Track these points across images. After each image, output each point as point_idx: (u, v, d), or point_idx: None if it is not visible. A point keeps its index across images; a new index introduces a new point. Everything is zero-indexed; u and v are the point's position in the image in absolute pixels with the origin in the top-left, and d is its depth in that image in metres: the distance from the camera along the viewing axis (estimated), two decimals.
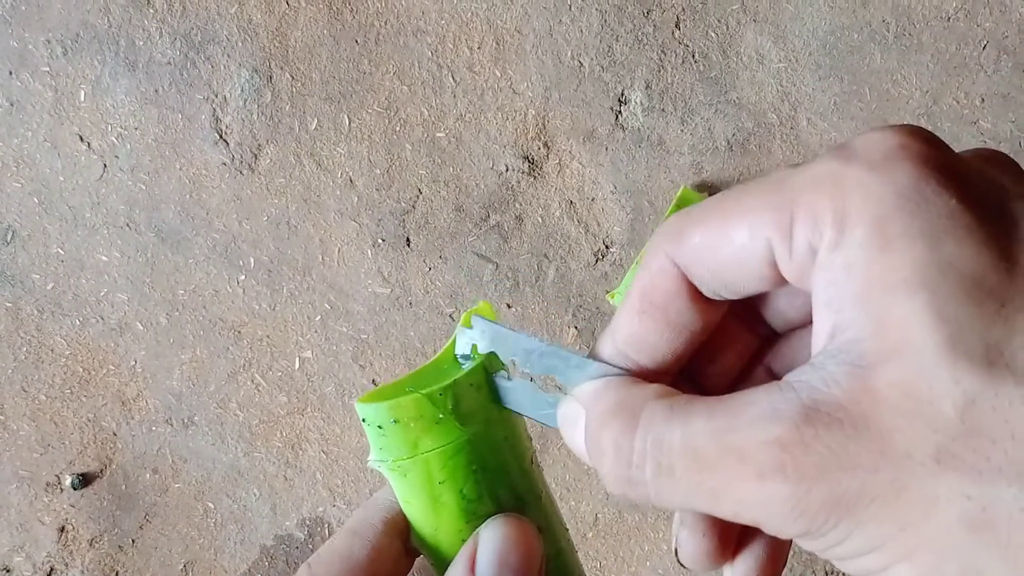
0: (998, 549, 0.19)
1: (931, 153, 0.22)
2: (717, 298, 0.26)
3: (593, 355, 0.29)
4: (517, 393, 0.32)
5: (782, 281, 0.24)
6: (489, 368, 0.32)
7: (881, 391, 0.20)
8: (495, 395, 0.33)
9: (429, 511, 0.33)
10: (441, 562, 0.33)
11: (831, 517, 0.21)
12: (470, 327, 0.35)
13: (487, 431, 0.32)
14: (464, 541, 0.32)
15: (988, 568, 0.20)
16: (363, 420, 0.32)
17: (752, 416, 0.22)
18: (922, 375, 0.20)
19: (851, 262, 0.22)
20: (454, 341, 0.34)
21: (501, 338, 0.32)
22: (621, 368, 0.28)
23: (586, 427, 0.27)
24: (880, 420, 0.20)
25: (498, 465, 0.33)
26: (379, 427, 0.31)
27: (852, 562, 0.21)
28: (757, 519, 0.22)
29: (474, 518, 0.32)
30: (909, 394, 0.20)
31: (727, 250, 0.24)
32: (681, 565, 0.30)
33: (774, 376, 0.29)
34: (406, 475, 0.32)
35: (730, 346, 0.29)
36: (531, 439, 0.35)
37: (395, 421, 0.31)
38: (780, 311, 0.28)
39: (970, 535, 0.19)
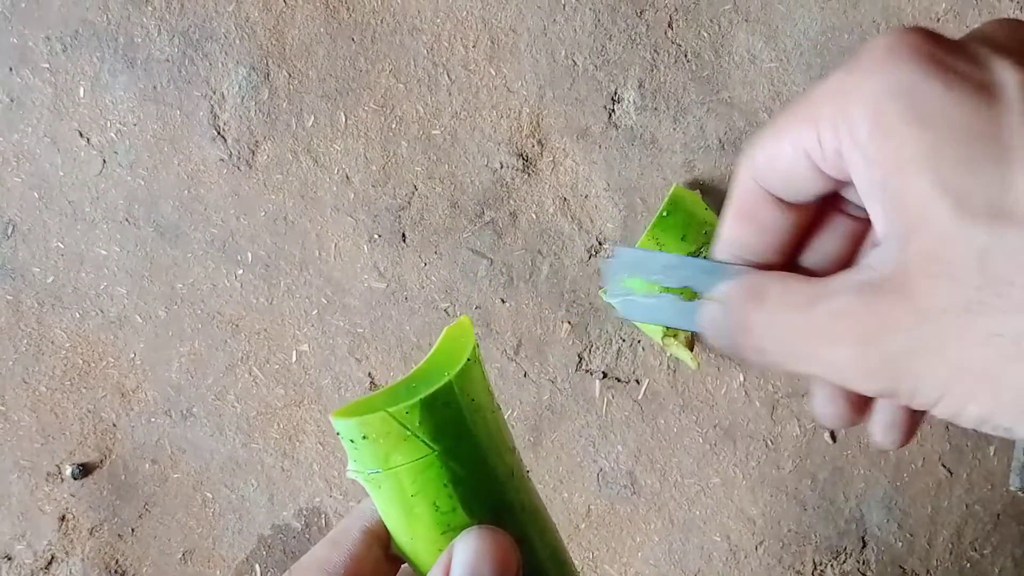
0: None
1: (920, 47, 0.25)
2: (797, 202, 0.30)
3: (712, 259, 0.33)
4: (662, 308, 0.33)
5: (836, 180, 0.28)
6: (634, 290, 0.34)
7: (913, 260, 0.24)
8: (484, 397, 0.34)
9: (404, 522, 0.34)
10: (421, 570, 0.34)
11: (894, 373, 0.25)
12: (452, 338, 0.36)
13: (458, 446, 0.33)
14: (441, 550, 0.33)
15: None
16: (337, 433, 0.33)
17: (828, 292, 0.26)
18: (941, 240, 0.23)
19: (866, 155, 0.25)
20: (430, 357, 0.35)
21: (640, 261, 0.33)
22: (742, 265, 0.32)
23: (727, 316, 0.30)
24: (915, 285, 0.24)
25: (473, 478, 0.33)
26: (351, 440, 0.32)
27: (935, 410, 0.25)
28: (842, 379, 0.26)
29: (449, 529, 0.33)
30: (934, 258, 0.23)
31: (782, 164, 0.28)
32: (826, 429, 0.35)
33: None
34: (380, 487, 0.33)
35: (834, 232, 0.32)
36: (516, 451, 0.35)
37: (364, 437, 0.32)
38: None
39: (1011, 366, 0.23)
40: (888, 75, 0.24)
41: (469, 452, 0.33)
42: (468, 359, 0.34)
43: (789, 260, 0.32)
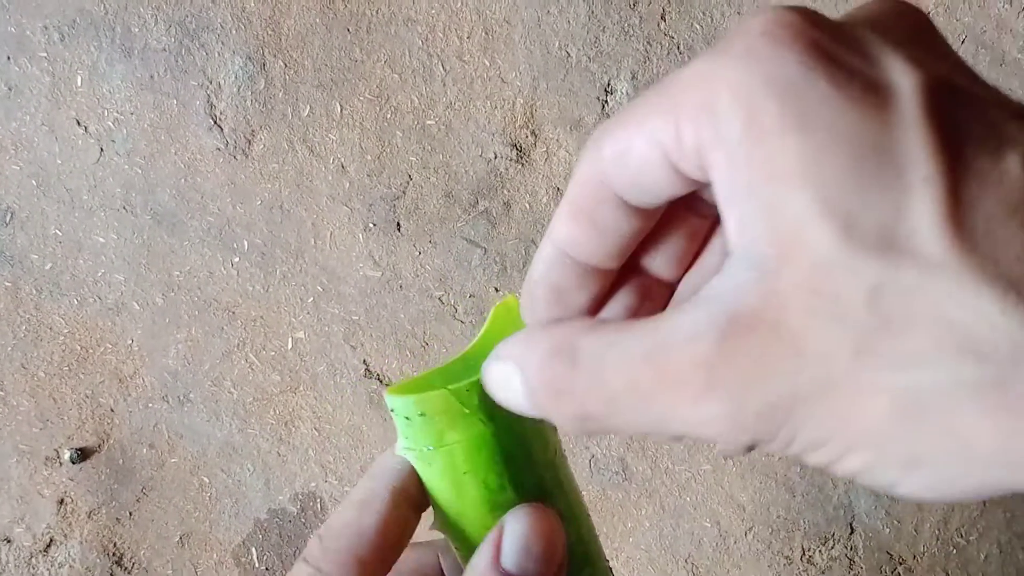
0: (935, 432, 0.20)
1: (804, 33, 0.21)
2: (644, 206, 0.26)
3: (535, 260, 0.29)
4: None
5: (688, 183, 0.24)
6: None
7: (788, 293, 0.20)
8: None
9: (454, 499, 0.34)
10: (465, 547, 0.35)
11: (771, 425, 0.21)
12: (501, 317, 0.36)
13: (511, 425, 0.33)
14: (487, 528, 0.33)
15: (929, 451, 0.20)
16: (392, 410, 0.33)
17: (678, 338, 0.22)
18: (822, 272, 0.20)
19: (733, 159, 0.21)
20: (483, 335, 0.36)
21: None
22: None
23: (525, 382, 0.26)
24: (792, 323, 0.20)
25: (522, 457, 0.34)
26: (407, 418, 0.33)
27: (808, 458, 0.22)
28: (708, 437, 0.22)
29: (497, 507, 0.33)
30: (814, 293, 0.20)
31: (633, 160, 0.24)
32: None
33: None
34: (431, 464, 0.33)
35: (678, 232, 0.28)
36: (556, 430, 0.36)
37: (422, 414, 0.32)
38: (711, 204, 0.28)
39: (901, 423, 0.20)
40: (765, 65, 0.21)
41: (520, 430, 0.34)
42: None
43: (624, 264, 0.28)
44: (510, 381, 0.27)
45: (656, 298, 0.30)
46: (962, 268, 0.19)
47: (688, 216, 0.28)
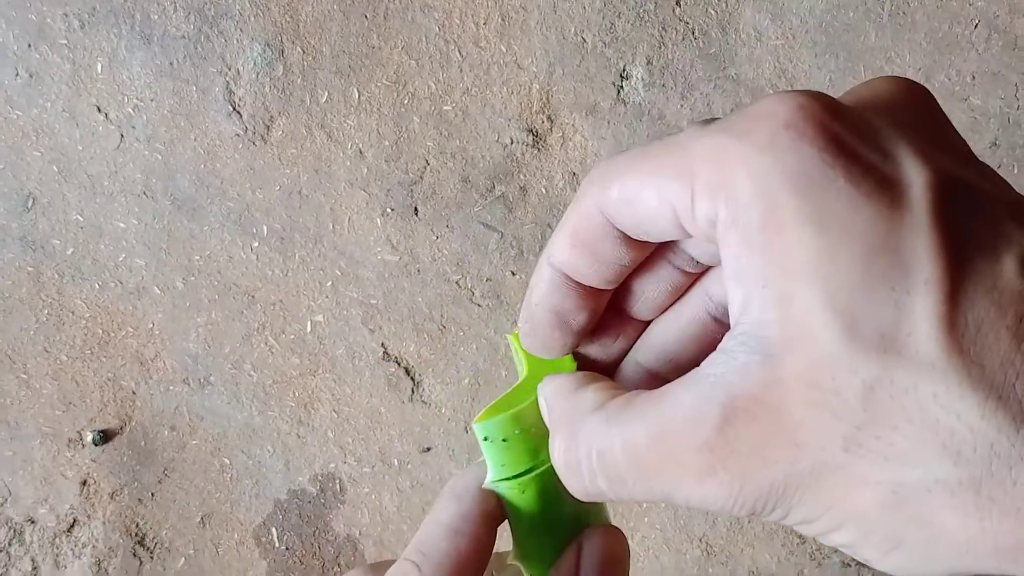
0: (914, 523, 0.21)
1: (825, 125, 0.22)
2: (642, 241, 0.27)
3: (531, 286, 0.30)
4: None
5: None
6: None
7: (789, 383, 0.21)
8: None
9: (546, 518, 0.34)
10: (541, 569, 0.35)
11: (767, 505, 0.22)
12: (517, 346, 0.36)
13: None
14: (559, 550, 0.34)
15: (907, 537, 0.21)
16: (485, 439, 0.33)
17: (681, 420, 0.23)
18: (824, 366, 0.20)
19: (749, 242, 0.22)
20: (528, 371, 0.36)
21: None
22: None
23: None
24: (791, 412, 0.21)
25: None
26: (503, 440, 0.33)
27: (800, 529, 0.23)
28: (710, 509, 0.23)
29: (582, 523, 0.34)
30: (814, 385, 0.21)
31: (641, 208, 0.25)
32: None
33: (710, 298, 0.30)
34: (525, 491, 0.33)
35: (657, 278, 0.29)
36: None
37: (519, 431, 0.32)
38: (702, 251, 0.29)
39: (887, 513, 0.21)
40: (787, 158, 0.21)
41: None
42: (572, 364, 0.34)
43: (612, 291, 0.29)
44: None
45: (623, 326, 0.31)
46: (950, 370, 0.20)
47: (668, 267, 0.29)
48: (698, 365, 0.24)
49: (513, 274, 0.83)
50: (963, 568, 0.22)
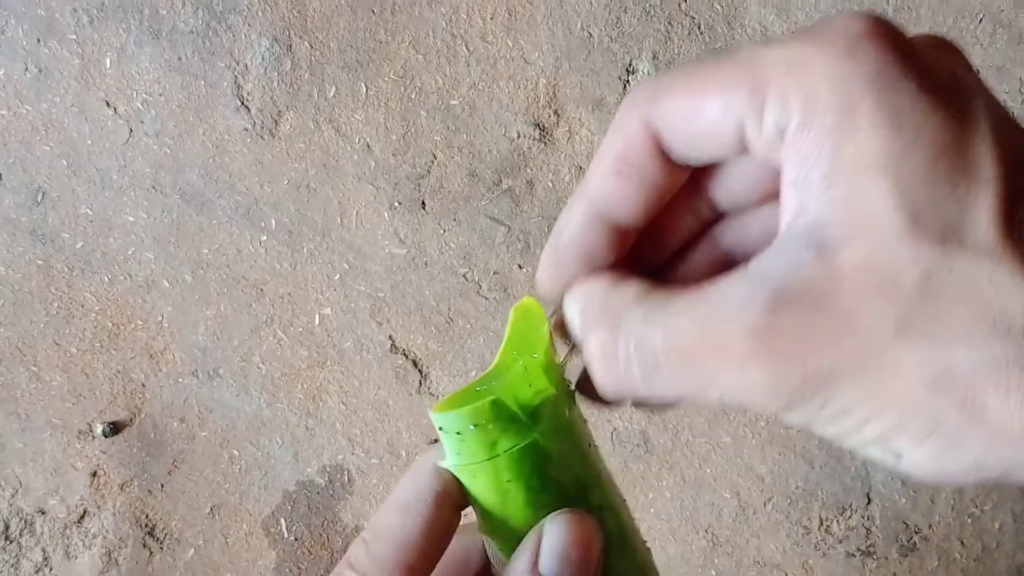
0: (956, 404, 0.22)
1: (894, 39, 0.23)
2: (682, 163, 0.27)
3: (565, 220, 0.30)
4: None
5: (745, 151, 0.25)
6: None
7: (845, 271, 0.22)
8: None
9: (499, 505, 0.34)
10: (508, 548, 0.35)
11: (807, 393, 0.23)
12: (521, 320, 0.37)
13: (554, 425, 0.33)
14: (529, 527, 0.34)
15: (947, 420, 0.22)
16: (440, 428, 0.33)
17: (727, 309, 0.24)
18: (885, 254, 0.22)
19: (820, 144, 0.23)
20: (505, 346, 0.36)
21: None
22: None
23: (577, 331, 0.28)
24: (844, 299, 0.22)
25: (562, 455, 0.34)
26: (458, 433, 0.33)
27: (825, 428, 0.24)
28: (742, 403, 0.24)
29: (540, 507, 0.34)
30: (872, 272, 0.22)
31: (700, 122, 0.25)
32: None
33: (719, 249, 0.31)
34: (475, 477, 0.34)
35: (677, 220, 0.30)
36: (587, 421, 0.37)
37: (475, 426, 0.32)
38: (731, 190, 0.29)
39: (932, 395, 0.22)
40: (866, 63, 0.22)
41: (563, 430, 0.34)
42: (547, 343, 0.34)
43: (646, 227, 0.29)
44: (573, 320, 0.28)
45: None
46: (1005, 257, 0.21)
47: (685, 207, 0.30)
48: None
49: (520, 267, 0.83)
50: (991, 457, 0.22)
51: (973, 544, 0.84)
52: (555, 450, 0.34)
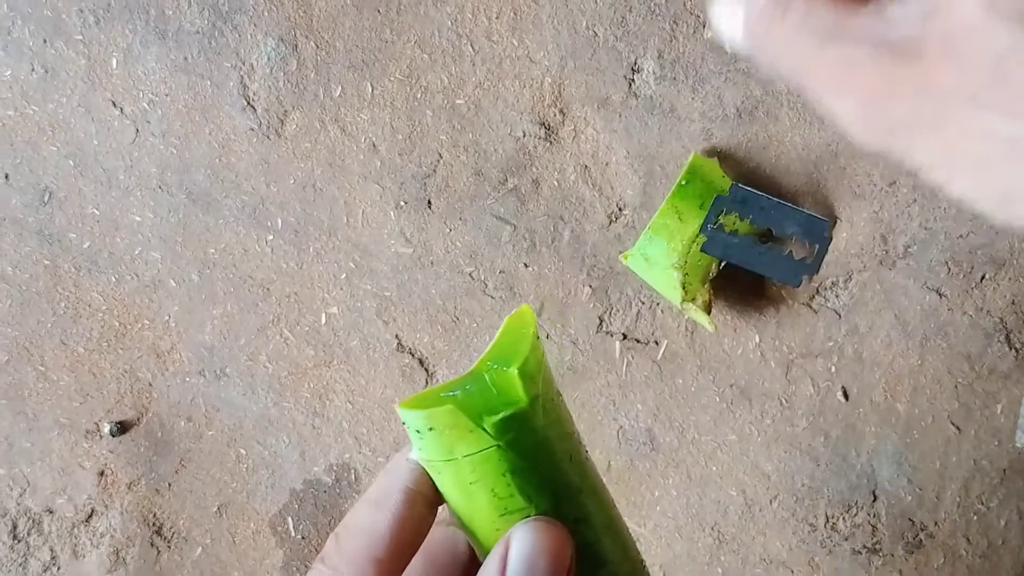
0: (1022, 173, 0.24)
1: None
2: None
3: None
4: (736, 247, 0.34)
5: None
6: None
7: (933, 36, 0.24)
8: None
9: (464, 505, 0.35)
10: (479, 547, 0.36)
11: (891, 137, 0.25)
12: (513, 327, 0.36)
13: (520, 438, 0.34)
14: (498, 531, 0.34)
15: (1017, 188, 0.24)
16: (403, 422, 0.34)
17: (846, 32, 0.26)
18: (964, 29, 0.23)
19: None
20: (494, 346, 0.36)
21: (745, 199, 0.34)
22: (823, 218, 0.32)
23: (747, 18, 0.29)
24: (930, 60, 0.24)
25: (531, 467, 0.34)
26: (416, 431, 0.34)
27: (923, 175, 0.26)
28: (842, 125, 0.26)
29: (507, 512, 0.34)
30: (953, 42, 0.24)
31: None
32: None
33: None
34: (440, 473, 0.34)
35: None
36: (575, 433, 0.36)
37: (431, 428, 0.33)
38: None
39: (999, 163, 0.24)
40: None
41: (530, 443, 0.34)
42: (528, 354, 0.34)
43: None
44: (734, 15, 0.30)
45: None
46: None
47: None
48: None
49: (526, 266, 0.84)
50: None
51: (979, 541, 0.84)
52: (522, 461, 0.34)
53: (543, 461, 0.34)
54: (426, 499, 0.35)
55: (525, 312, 0.37)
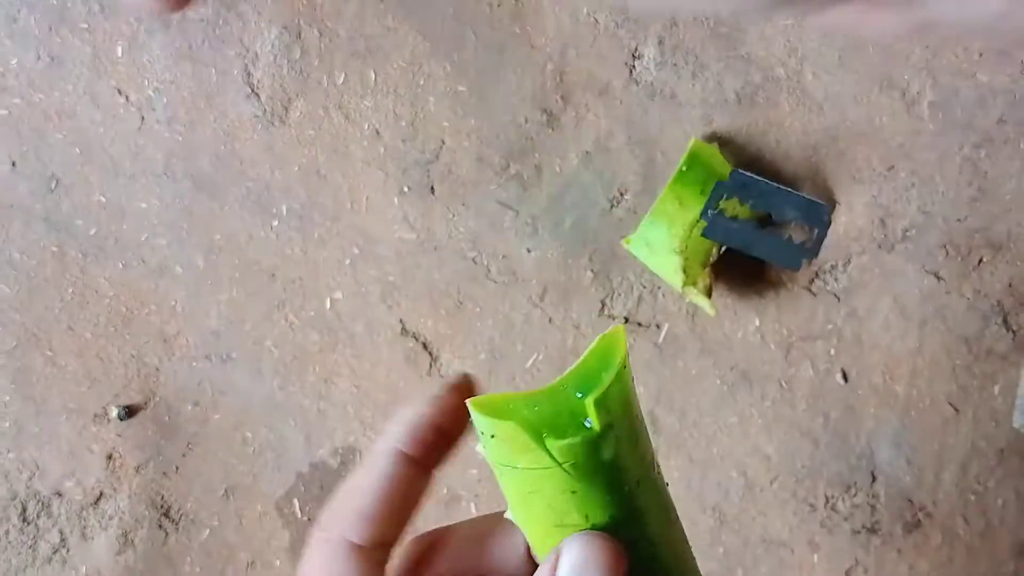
0: None
1: None
2: None
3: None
4: (736, 232, 0.33)
5: None
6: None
7: None
8: None
9: (520, 509, 0.34)
10: (533, 546, 0.35)
11: None
12: (603, 349, 0.35)
13: (586, 463, 0.32)
14: (551, 540, 0.33)
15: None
16: (470, 420, 0.34)
17: None
18: None
19: None
20: (580, 364, 0.35)
21: (745, 184, 0.33)
22: (824, 202, 0.31)
23: None
24: None
25: (593, 490, 0.33)
26: (481, 432, 0.33)
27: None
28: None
29: (562, 525, 0.33)
30: None
31: None
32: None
33: None
34: (501, 475, 0.34)
35: None
36: (647, 455, 0.35)
37: (493, 436, 0.33)
38: None
39: None
40: None
41: (595, 468, 0.33)
42: (609, 384, 0.33)
43: None
44: None
45: None
46: None
47: None
48: None
49: (528, 251, 0.84)
50: None
51: (977, 521, 0.85)
52: (584, 485, 0.33)
53: (607, 485, 0.33)
54: (415, 461, 0.36)
55: (618, 335, 0.36)
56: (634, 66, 0.83)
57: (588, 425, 0.32)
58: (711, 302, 0.80)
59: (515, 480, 0.33)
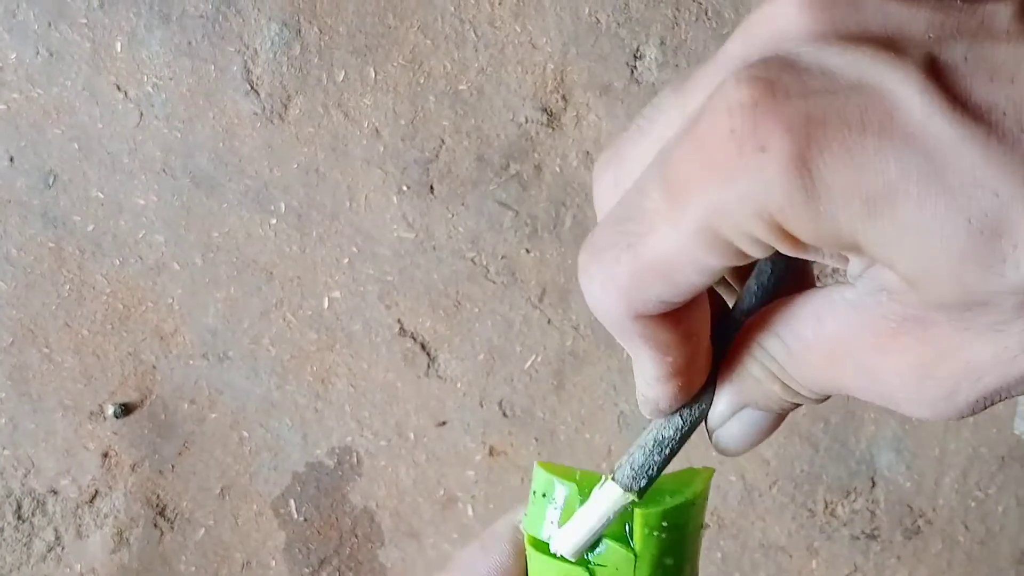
0: None
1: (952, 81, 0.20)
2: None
3: None
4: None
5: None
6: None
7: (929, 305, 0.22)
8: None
9: None
10: None
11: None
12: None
13: (615, 572, 0.32)
14: None
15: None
16: (532, 478, 0.33)
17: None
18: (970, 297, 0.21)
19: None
20: (683, 473, 0.34)
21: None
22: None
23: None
24: (934, 323, 0.22)
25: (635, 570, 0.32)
26: (533, 492, 0.33)
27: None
28: (894, 404, 0.25)
29: None
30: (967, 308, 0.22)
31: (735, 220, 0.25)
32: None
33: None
34: (530, 557, 0.33)
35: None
36: (692, 567, 0.34)
37: (544, 495, 0.32)
38: None
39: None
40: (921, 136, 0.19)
41: (652, 554, 0.32)
42: (672, 507, 0.32)
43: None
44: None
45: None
46: None
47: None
48: None
49: (527, 252, 0.84)
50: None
51: (977, 528, 0.84)
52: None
53: (653, 566, 0.32)
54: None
55: (706, 474, 0.35)
56: (635, 66, 0.82)
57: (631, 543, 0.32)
58: None
59: (541, 565, 0.33)
